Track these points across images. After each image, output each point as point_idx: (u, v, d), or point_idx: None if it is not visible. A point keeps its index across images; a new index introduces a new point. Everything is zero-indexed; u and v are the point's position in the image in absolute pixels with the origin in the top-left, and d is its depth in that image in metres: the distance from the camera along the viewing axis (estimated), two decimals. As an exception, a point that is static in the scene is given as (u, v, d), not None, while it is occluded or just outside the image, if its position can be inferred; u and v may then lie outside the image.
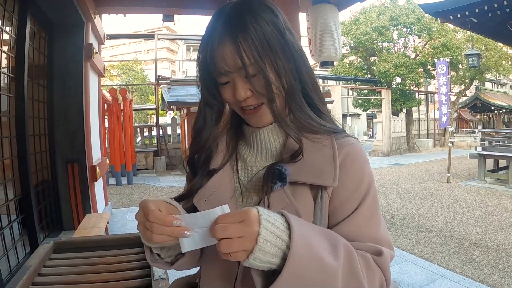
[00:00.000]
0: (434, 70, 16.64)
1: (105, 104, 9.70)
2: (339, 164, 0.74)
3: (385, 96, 17.52)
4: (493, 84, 27.89)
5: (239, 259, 0.58)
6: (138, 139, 14.67)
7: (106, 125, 10.08)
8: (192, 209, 0.78)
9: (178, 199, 0.83)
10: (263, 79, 0.72)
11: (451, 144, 10.64)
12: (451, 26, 15.97)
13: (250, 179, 0.82)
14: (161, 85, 13.95)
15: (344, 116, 23.63)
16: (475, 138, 18.52)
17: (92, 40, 5.28)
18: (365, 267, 0.66)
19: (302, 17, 3.65)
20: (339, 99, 16.85)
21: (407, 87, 18.84)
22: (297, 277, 0.58)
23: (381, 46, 18.76)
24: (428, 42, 18.58)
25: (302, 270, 0.58)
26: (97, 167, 5.13)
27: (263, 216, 0.59)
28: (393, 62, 17.64)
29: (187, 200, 0.83)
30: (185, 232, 0.63)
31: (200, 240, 0.64)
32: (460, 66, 18.91)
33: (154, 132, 14.53)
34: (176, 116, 15.54)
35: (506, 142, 9.69)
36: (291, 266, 0.57)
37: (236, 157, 0.87)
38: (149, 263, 0.81)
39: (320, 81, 18.35)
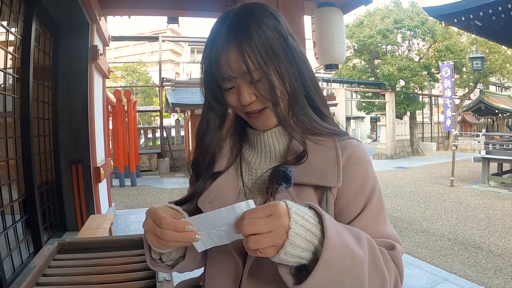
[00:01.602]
0: (438, 73, 16.67)
1: (109, 106, 9.73)
2: (342, 165, 0.75)
3: (389, 99, 17.47)
4: (497, 87, 27.79)
5: (269, 255, 0.58)
6: (142, 140, 14.70)
7: (110, 126, 10.11)
8: (194, 211, 0.78)
9: (181, 202, 0.83)
10: (267, 83, 0.73)
11: (455, 148, 10.58)
12: (455, 29, 15.92)
13: (255, 181, 0.83)
14: (165, 87, 14.01)
15: (348, 119, 23.64)
16: (479, 142, 18.45)
17: (97, 41, 5.31)
18: (383, 260, 0.67)
19: (307, 20, 3.66)
20: (343, 102, 16.81)
21: (411, 90, 18.76)
22: (332, 268, 0.58)
23: (385, 49, 18.70)
24: (432, 45, 18.50)
25: (336, 260, 0.58)
26: (101, 168, 5.13)
27: (292, 210, 0.58)
28: (397, 65, 17.58)
29: (189, 203, 0.83)
30: (195, 236, 0.63)
31: (224, 237, 0.64)
32: (464, 69, 18.82)
33: (158, 134, 14.56)
34: (180, 118, 15.56)
35: (510, 145, 9.61)
36: (327, 256, 0.57)
37: (240, 160, 0.88)
38: (150, 267, 0.80)
39: (324, 84, 18.32)
